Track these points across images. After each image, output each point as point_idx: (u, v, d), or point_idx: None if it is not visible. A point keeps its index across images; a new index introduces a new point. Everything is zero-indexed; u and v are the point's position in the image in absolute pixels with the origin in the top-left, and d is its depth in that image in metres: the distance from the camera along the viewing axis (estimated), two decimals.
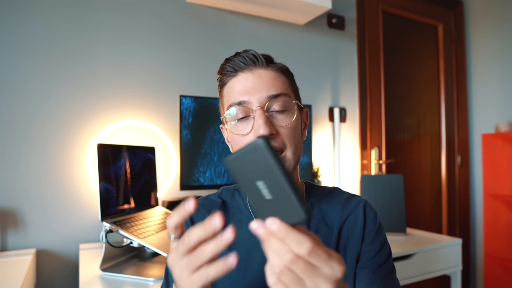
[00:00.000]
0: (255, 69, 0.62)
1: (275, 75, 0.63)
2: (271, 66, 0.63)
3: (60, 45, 1.38)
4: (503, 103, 2.39)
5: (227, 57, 0.64)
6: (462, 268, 1.53)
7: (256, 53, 0.63)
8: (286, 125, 0.60)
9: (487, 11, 2.49)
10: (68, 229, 1.36)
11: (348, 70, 2.07)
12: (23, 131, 1.31)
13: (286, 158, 0.60)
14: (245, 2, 1.63)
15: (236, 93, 0.61)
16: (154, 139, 1.52)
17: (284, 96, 0.62)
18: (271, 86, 0.61)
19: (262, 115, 0.58)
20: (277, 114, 0.61)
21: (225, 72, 0.64)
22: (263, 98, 0.60)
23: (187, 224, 0.70)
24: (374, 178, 1.59)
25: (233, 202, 0.71)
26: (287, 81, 0.65)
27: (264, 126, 0.58)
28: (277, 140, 0.60)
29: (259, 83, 0.60)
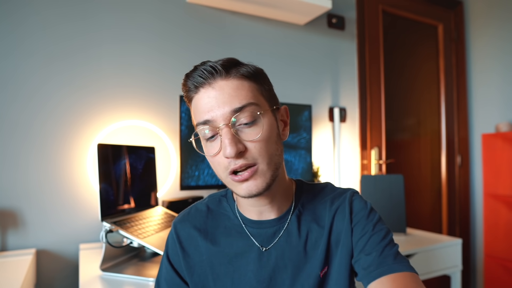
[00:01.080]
0: (215, 81, 0.57)
1: (238, 84, 0.57)
2: (232, 74, 0.58)
3: (60, 45, 1.38)
4: (503, 103, 2.39)
5: (187, 73, 0.61)
6: (462, 268, 1.53)
7: (213, 64, 0.57)
8: (255, 138, 0.56)
9: (487, 11, 2.50)
10: (68, 229, 1.36)
11: (348, 70, 2.07)
12: (23, 131, 1.31)
13: (258, 171, 0.56)
14: (245, 2, 1.63)
15: (200, 112, 0.58)
16: (154, 139, 1.52)
17: (250, 107, 0.56)
18: (234, 98, 0.56)
19: (228, 133, 0.55)
20: (246, 127, 0.56)
21: (187, 89, 0.60)
22: (227, 114, 0.55)
23: (173, 239, 0.68)
24: (374, 178, 1.59)
25: (220, 209, 0.69)
26: (253, 86, 0.59)
27: (229, 147, 0.54)
28: (247, 156, 0.56)
29: (221, 98, 0.56)
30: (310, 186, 0.71)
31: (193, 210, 0.70)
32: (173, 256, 0.68)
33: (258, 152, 0.56)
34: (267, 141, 0.58)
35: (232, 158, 0.55)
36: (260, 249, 0.63)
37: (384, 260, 0.58)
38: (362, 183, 1.60)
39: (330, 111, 1.99)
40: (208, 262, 0.65)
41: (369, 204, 0.66)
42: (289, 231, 0.64)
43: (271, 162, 0.58)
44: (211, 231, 0.67)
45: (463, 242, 2.19)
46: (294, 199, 0.67)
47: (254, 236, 0.64)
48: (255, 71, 0.61)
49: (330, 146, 1.99)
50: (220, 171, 0.58)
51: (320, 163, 1.92)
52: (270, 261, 0.62)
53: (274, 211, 0.64)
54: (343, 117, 2.02)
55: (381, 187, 1.57)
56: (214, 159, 0.58)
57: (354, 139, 2.08)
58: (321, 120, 1.96)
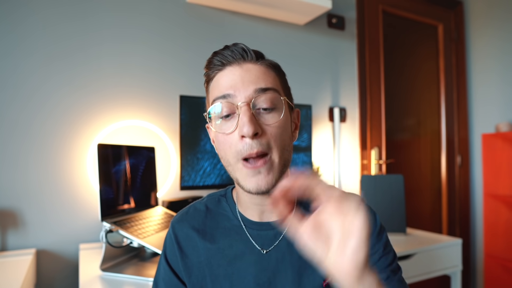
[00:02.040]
0: (244, 63, 0.57)
1: (265, 70, 0.58)
2: (261, 61, 0.58)
3: (60, 44, 1.38)
4: (503, 103, 2.39)
5: (215, 51, 0.60)
6: (462, 268, 1.53)
7: (246, 47, 0.58)
8: (273, 124, 0.56)
9: (487, 11, 2.50)
10: (68, 229, 1.36)
11: (348, 70, 2.07)
12: (23, 131, 1.31)
13: (271, 161, 0.55)
14: (245, 2, 1.63)
15: (221, 87, 0.57)
16: (154, 139, 1.52)
17: (272, 92, 0.57)
18: (260, 80, 0.56)
19: (247, 112, 0.54)
20: (264, 111, 0.56)
21: (212, 65, 0.59)
22: (249, 93, 0.55)
23: (171, 239, 0.67)
24: (374, 178, 1.59)
25: (219, 209, 0.68)
26: (277, 78, 0.60)
27: (248, 124, 0.53)
28: (262, 141, 0.54)
29: (247, 77, 0.56)
30: None
31: (192, 209, 0.69)
32: (171, 257, 0.67)
33: (274, 138, 0.56)
34: (283, 131, 0.57)
35: (249, 138, 0.54)
36: (261, 251, 0.62)
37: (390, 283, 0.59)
38: (362, 183, 1.60)
39: (330, 111, 1.99)
40: (207, 263, 0.64)
41: (378, 219, 0.66)
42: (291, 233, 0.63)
43: (282, 155, 0.57)
44: (210, 232, 0.65)
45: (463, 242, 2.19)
46: (297, 202, 0.65)
47: (254, 238, 0.63)
48: (279, 66, 0.62)
49: (330, 146, 1.99)
50: (231, 155, 0.56)
51: (320, 163, 1.92)
52: (270, 264, 0.61)
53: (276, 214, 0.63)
54: (343, 117, 2.02)
55: (381, 187, 1.57)
56: (226, 138, 0.56)
57: (354, 139, 2.08)
58: (321, 120, 1.96)
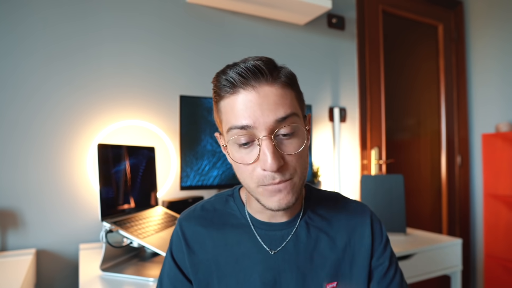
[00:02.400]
0: (259, 86, 0.52)
1: (282, 92, 0.54)
2: (277, 80, 0.54)
3: (60, 44, 1.38)
4: (503, 103, 2.39)
5: (224, 68, 0.55)
6: (462, 268, 1.53)
7: (259, 64, 0.52)
8: (294, 153, 0.54)
9: (487, 11, 2.49)
10: (68, 229, 1.36)
11: (348, 70, 2.07)
12: (23, 131, 1.31)
13: (292, 186, 0.55)
14: (245, 2, 1.63)
15: (237, 115, 0.53)
16: (154, 139, 1.52)
17: (292, 117, 0.54)
18: (279, 107, 0.52)
19: (270, 145, 0.51)
20: (286, 139, 0.54)
21: (222, 85, 0.54)
22: (270, 123, 0.52)
23: (178, 236, 0.67)
24: (374, 178, 1.59)
25: (227, 208, 0.68)
26: (293, 95, 0.56)
27: (272, 161, 0.51)
28: (285, 171, 0.53)
29: (266, 104, 0.52)
30: (319, 192, 0.71)
31: (199, 207, 0.69)
32: (177, 253, 0.67)
33: (295, 166, 0.54)
34: (303, 154, 0.56)
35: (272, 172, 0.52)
36: (268, 252, 0.62)
37: None
38: (362, 183, 1.60)
39: (330, 111, 1.99)
40: (214, 261, 0.64)
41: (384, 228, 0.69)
42: (298, 235, 0.63)
43: (303, 176, 0.57)
44: (218, 229, 0.66)
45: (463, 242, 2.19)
46: (304, 204, 0.67)
47: (262, 238, 0.63)
48: (293, 77, 0.57)
49: (330, 146, 1.99)
50: (251, 181, 0.56)
51: (320, 163, 1.92)
52: (277, 264, 0.62)
53: (286, 215, 0.64)
54: (343, 117, 2.02)
55: (381, 187, 1.57)
56: (247, 167, 0.55)
57: (354, 139, 2.08)
58: (321, 120, 1.96)
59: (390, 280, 0.65)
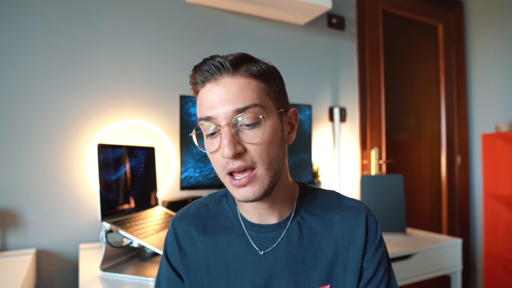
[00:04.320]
0: (221, 78, 0.55)
1: (244, 82, 0.56)
2: (239, 72, 0.56)
3: (59, 44, 1.37)
4: (503, 103, 2.39)
5: (195, 65, 0.59)
6: (462, 268, 1.53)
7: (222, 59, 0.56)
8: (255, 142, 0.55)
9: (487, 10, 2.50)
10: (68, 229, 1.36)
11: (348, 70, 2.07)
12: (22, 131, 1.31)
13: (257, 177, 0.55)
14: (245, 2, 1.63)
15: (203, 107, 0.57)
16: (154, 139, 1.52)
17: (254, 108, 0.55)
18: (238, 98, 0.54)
19: (227, 134, 0.54)
20: (247, 128, 0.55)
21: (194, 81, 0.59)
22: (229, 113, 0.54)
23: (171, 237, 0.67)
24: (374, 178, 1.59)
25: (220, 208, 0.68)
26: (260, 87, 0.57)
27: (228, 147, 0.53)
28: (245, 158, 0.54)
29: (225, 95, 0.54)
30: (314, 191, 0.69)
31: (192, 208, 0.69)
32: (171, 254, 0.68)
33: (258, 156, 0.55)
34: (268, 145, 0.56)
35: (230, 159, 0.54)
36: (259, 252, 0.62)
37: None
38: (362, 183, 1.60)
39: (330, 111, 1.99)
40: (205, 262, 0.64)
41: (379, 228, 0.66)
42: (290, 237, 0.63)
43: (271, 167, 0.56)
44: (210, 230, 0.65)
45: (463, 242, 2.19)
46: (296, 204, 0.65)
47: (253, 239, 0.63)
48: (266, 69, 0.59)
49: (330, 146, 1.99)
50: (218, 169, 0.58)
51: (320, 163, 1.92)
52: (268, 266, 0.61)
53: (275, 215, 0.63)
54: (343, 117, 2.02)
55: (381, 187, 1.57)
56: (212, 156, 0.58)
57: (354, 139, 2.08)
58: (321, 120, 1.96)
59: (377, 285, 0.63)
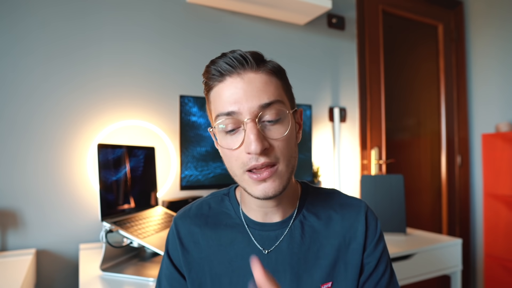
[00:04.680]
0: (244, 73, 0.55)
1: (267, 79, 0.56)
2: (261, 68, 0.56)
3: (59, 43, 1.37)
4: (503, 103, 2.39)
5: (212, 59, 0.58)
6: (462, 268, 1.53)
7: (244, 54, 0.55)
8: (280, 138, 0.55)
9: (487, 10, 2.50)
10: (68, 229, 1.36)
11: (348, 70, 2.07)
12: (22, 130, 1.31)
13: (278, 171, 0.55)
14: (245, 2, 1.63)
15: (224, 102, 0.55)
16: (154, 139, 1.52)
17: (277, 104, 0.55)
18: (263, 93, 0.54)
19: (254, 129, 0.53)
20: (270, 124, 0.55)
21: (211, 75, 0.57)
22: (254, 108, 0.54)
23: (173, 235, 0.68)
24: (374, 178, 1.59)
25: (222, 207, 0.68)
26: (280, 84, 0.58)
27: (256, 143, 0.52)
28: (270, 155, 0.54)
29: (250, 90, 0.54)
30: (316, 190, 0.70)
31: (194, 206, 0.69)
32: (172, 252, 0.68)
33: (281, 152, 0.55)
34: (289, 142, 0.57)
35: (256, 155, 0.53)
36: (262, 251, 0.62)
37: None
38: (362, 183, 1.60)
39: (330, 111, 1.99)
40: (207, 260, 0.64)
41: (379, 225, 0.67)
42: (292, 235, 0.63)
43: (290, 164, 0.57)
44: (212, 229, 0.66)
45: (463, 242, 2.19)
46: (299, 203, 0.66)
47: (256, 237, 0.63)
48: (280, 68, 0.60)
49: (330, 146, 1.99)
50: (236, 166, 0.57)
51: (320, 163, 1.92)
52: (270, 264, 0.61)
53: (279, 214, 0.63)
54: (343, 117, 2.02)
55: (381, 187, 1.57)
56: (232, 153, 0.56)
57: (354, 139, 2.08)
58: (321, 120, 1.96)
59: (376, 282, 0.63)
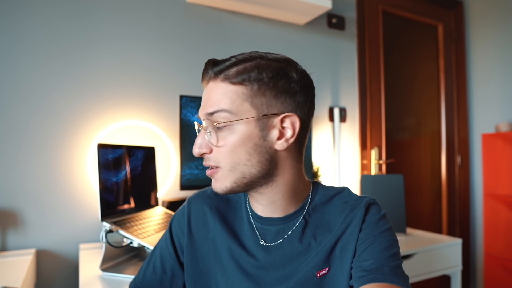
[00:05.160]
0: (209, 80, 0.60)
1: (219, 87, 0.58)
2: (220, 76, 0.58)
3: (59, 43, 1.37)
4: (503, 102, 2.39)
5: None
6: (462, 268, 1.53)
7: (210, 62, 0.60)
8: (218, 145, 0.59)
9: (487, 10, 2.50)
10: (68, 229, 1.36)
11: (348, 70, 2.07)
12: (22, 130, 1.31)
13: (218, 174, 0.60)
14: (245, 2, 1.63)
15: None
16: (154, 139, 1.52)
17: (220, 113, 0.57)
18: (210, 102, 0.58)
19: (200, 134, 0.60)
20: (215, 131, 0.58)
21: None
22: (203, 116, 0.60)
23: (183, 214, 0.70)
24: (374, 178, 1.59)
25: (235, 197, 0.71)
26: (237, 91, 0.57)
27: (194, 146, 0.60)
28: (210, 158, 0.60)
29: (205, 99, 0.60)
30: (325, 188, 0.69)
31: (210, 190, 0.72)
32: (175, 229, 0.71)
33: (221, 157, 0.59)
34: (233, 150, 0.58)
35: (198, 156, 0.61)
36: (263, 245, 0.64)
37: (381, 269, 0.56)
38: (362, 183, 1.60)
39: (330, 111, 1.99)
40: (213, 242, 0.67)
41: (382, 212, 0.64)
42: (294, 232, 0.64)
43: (235, 170, 0.59)
44: (223, 214, 0.69)
45: (463, 242, 2.19)
46: (305, 202, 0.66)
47: (259, 230, 0.65)
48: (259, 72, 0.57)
49: (330, 146, 1.99)
50: None
51: (320, 163, 1.92)
52: (270, 258, 0.63)
53: (278, 212, 0.64)
54: (343, 117, 2.02)
55: (381, 187, 1.57)
56: None
57: (354, 139, 2.08)
58: (321, 120, 1.96)
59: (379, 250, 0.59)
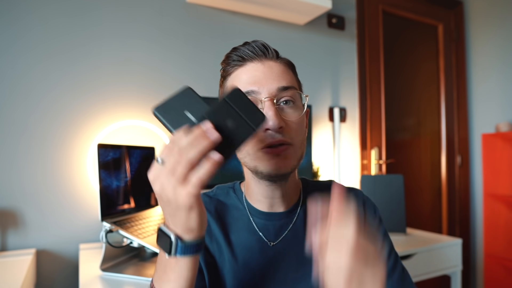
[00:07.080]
0: (265, 60, 0.60)
1: (284, 68, 0.61)
2: (281, 59, 0.62)
3: (59, 40, 1.37)
4: (503, 102, 2.39)
5: (234, 46, 0.62)
6: (462, 268, 1.53)
7: (266, 44, 0.61)
8: (294, 119, 0.58)
9: (487, 10, 2.49)
10: (68, 229, 1.36)
11: (348, 70, 2.07)
12: (22, 130, 1.31)
13: (290, 150, 0.57)
14: (245, 2, 1.63)
15: (243, 83, 0.58)
16: (154, 139, 1.52)
17: (294, 90, 0.60)
18: (282, 78, 0.59)
19: (272, 107, 0.56)
20: (286, 107, 0.59)
21: (231, 61, 0.61)
22: (273, 90, 0.57)
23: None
24: (374, 178, 1.59)
25: (229, 200, 0.69)
26: (294, 77, 0.64)
27: (274, 118, 0.54)
28: (285, 134, 0.56)
29: (270, 74, 0.58)
30: (315, 183, 0.72)
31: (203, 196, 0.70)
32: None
33: (295, 132, 0.58)
34: (302, 126, 0.61)
35: (273, 131, 0.55)
36: (268, 243, 0.63)
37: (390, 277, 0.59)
38: (362, 183, 1.60)
39: (330, 111, 1.99)
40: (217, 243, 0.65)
41: (378, 213, 0.68)
42: (297, 225, 0.64)
43: (301, 147, 0.60)
44: (220, 218, 0.67)
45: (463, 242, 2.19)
46: (301, 195, 0.68)
47: (261, 228, 0.64)
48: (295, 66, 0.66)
49: (330, 146, 1.99)
50: (251, 144, 0.58)
51: (320, 163, 1.92)
52: (276, 255, 0.62)
53: (285, 205, 0.64)
54: (343, 117, 2.02)
55: (381, 187, 1.57)
56: None
57: (354, 139, 2.08)
58: (321, 120, 1.96)
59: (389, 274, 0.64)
